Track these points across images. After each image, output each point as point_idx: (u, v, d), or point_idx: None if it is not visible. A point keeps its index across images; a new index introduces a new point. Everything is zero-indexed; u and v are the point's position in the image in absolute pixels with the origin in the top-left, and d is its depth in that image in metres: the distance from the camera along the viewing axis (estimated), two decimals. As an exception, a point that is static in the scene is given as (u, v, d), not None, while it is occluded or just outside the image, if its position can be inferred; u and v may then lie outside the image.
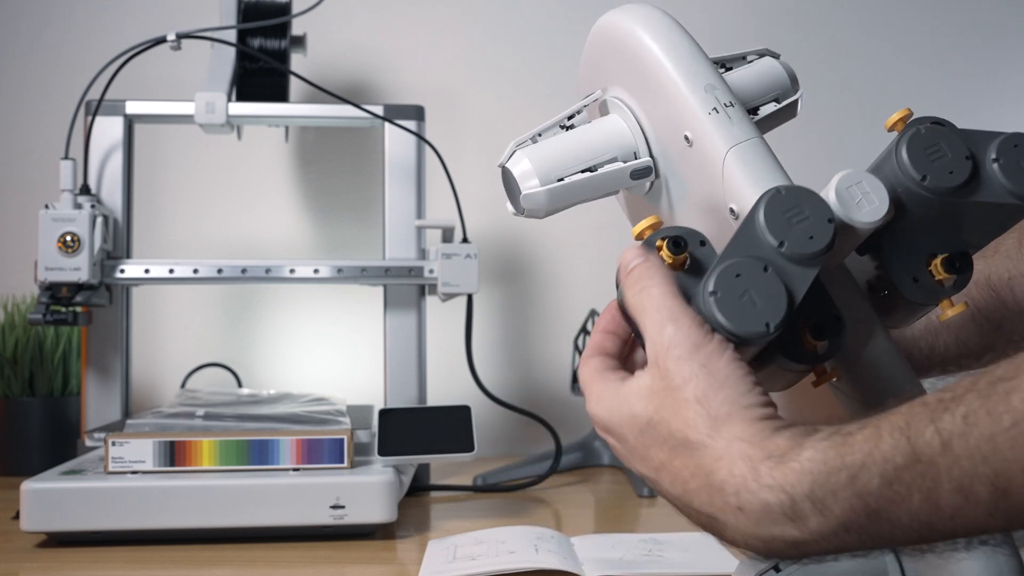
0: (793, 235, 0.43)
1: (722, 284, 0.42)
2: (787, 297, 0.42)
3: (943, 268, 0.47)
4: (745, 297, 0.42)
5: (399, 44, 1.35)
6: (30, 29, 1.32)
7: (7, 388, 1.13)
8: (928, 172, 0.46)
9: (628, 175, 0.53)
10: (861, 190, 0.45)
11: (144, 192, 1.17)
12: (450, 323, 1.17)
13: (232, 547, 0.81)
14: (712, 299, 0.42)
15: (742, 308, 0.42)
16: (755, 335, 0.42)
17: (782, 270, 0.42)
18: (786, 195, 0.43)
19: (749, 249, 0.43)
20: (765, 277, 0.42)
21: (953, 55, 1.43)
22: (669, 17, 0.52)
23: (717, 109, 0.49)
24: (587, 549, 0.78)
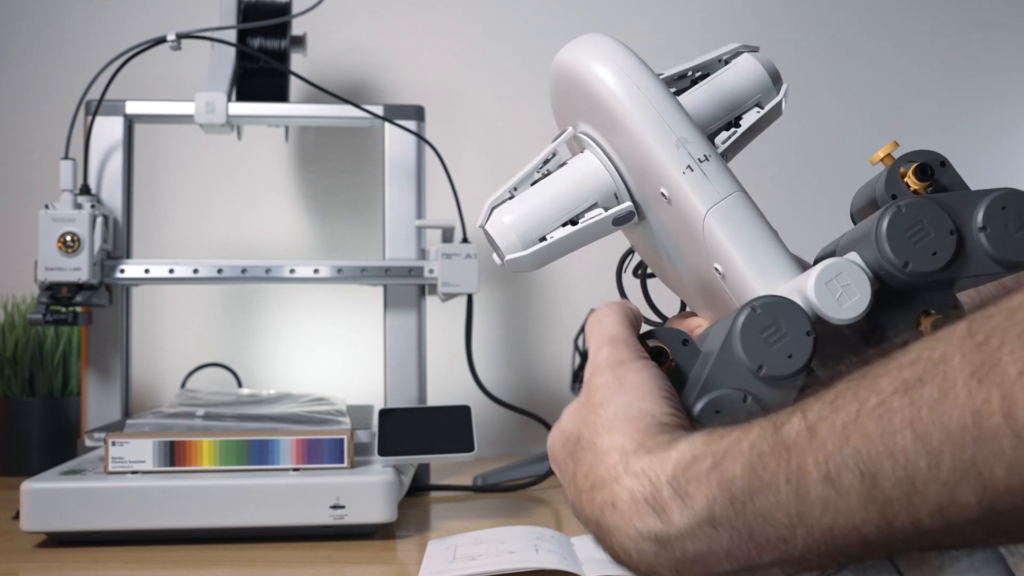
0: (771, 357, 0.42)
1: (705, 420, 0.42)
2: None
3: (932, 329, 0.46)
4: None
5: (399, 44, 1.35)
6: (30, 29, 1.32)
7: (7, 388, 1.13)
8: (910, 258, 0.43)
9: (610, 223, 0.52)
10: (842, 283, 0.43)
11: (144, 192, 1.17)
12: (450, 323, 1.17)
13: (232, 547, 0.81)
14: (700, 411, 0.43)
15: None
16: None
17: (761, 396, 0.42)
18: (762, 313, 0.43)
19: (728, 376, 0.43)
20: (745, 408, 0.42)
21: (953, 55, 1.43)
22: (633, 56, 0.49)
23: (691, 167, 0.47)
24: (587, 549, 0.78)
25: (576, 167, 0.52)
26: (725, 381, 0.43)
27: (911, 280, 0.43)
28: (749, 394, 0.42)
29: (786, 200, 1.30)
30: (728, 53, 0.55)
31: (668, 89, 0.49)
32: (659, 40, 1.33)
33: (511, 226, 0.51)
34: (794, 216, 1.33)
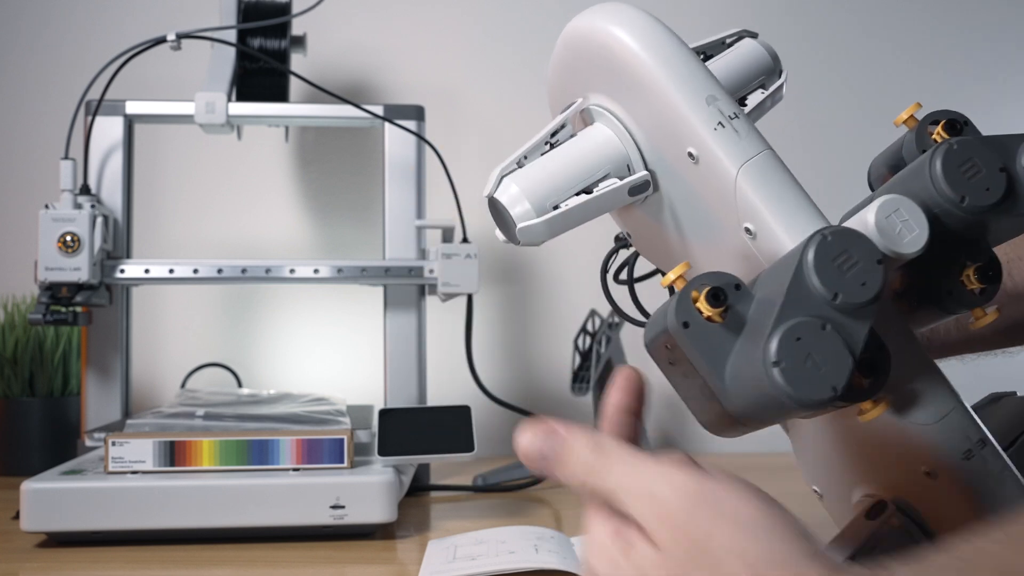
0: (846, 285, 0.40)
1: (785, 351, 0.39)
2: (849, 355, 0.40)
3: (976, 278, 0.46)
4: (808, 362, 0.39)
5: (399, 44, 1.35)
6: (30, 29, 1.32)
7: (7, 388, 1.13)
8: (966, 192, 0.44)
9: (626, 192, 0.50)
10: (900, 218, 0.43)
11: (144, 192, 1.17)
12: (450, 323, 1.17)
13: (232, 547, 0.81)
14: (776, 369, 0.39)
15: (807, 374, 0.39)
16: (822, 401, 0.40)
17: (840, 325, 0.40)
18: (832, 240, 0.41)
19: (802, 304, 0.40)
20: (825, 336, 0.40)
21: (953, 55, 1.43)
22: (654, 19, 0.49)
23: (723, 123, 0.46)
24: (587, 549, 0.78)
25: (588, 137, 0.51)
26: (801, 311, 0.40)
27: (967, 216, 0.43)
28: (828, 321, 0.40)
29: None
30: (731, 36, 0.55)
31: (694, 53, 0.48)
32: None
33: (523, 192, 0.49)
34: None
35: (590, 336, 1.14)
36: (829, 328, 0.40)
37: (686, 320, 0.42)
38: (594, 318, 1.15)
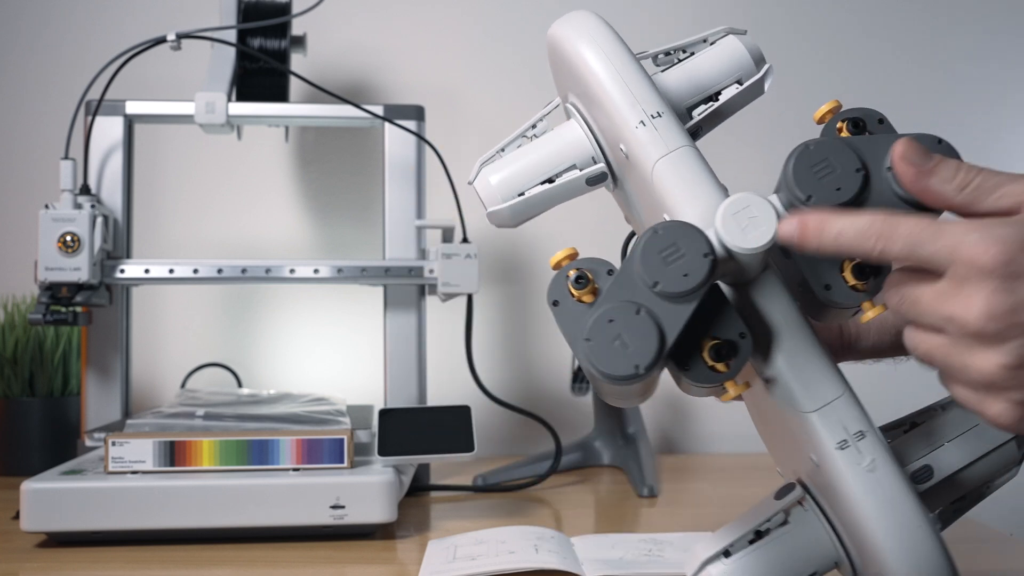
0: (667, 274, 0.44)
1: (595, 330, 0.45)
2: (658, 338, 0.44)
3: (853, 275, 0.47)
4: (617, 341, 0.44)
5: (399, 44, 1.35)
6: (30, 29, 1.32)
7: (7, 388, 1.13)
8: (813, 191, 0.46)
9: (584, 182, 0.55)
10: (749, 215, 0.45)
11: (144, 192, 1.17)
12: (450, 323, 1.17)
13: (232, 547, 0.81)
14: (586, 345, 0.45)
15: (613, 352, 0.44)
16: (625, 377, 0.44)
17: (656, 310, 0.45)
18: (663, 234, 0.45)
19: (626, 291, 0.45)
20: (637, 320, 0.44)
21: (953, 55, 1.43)
22: (604, 25, 0.54)
23: (644, 122, 0.50)
24: (587, 549, 0.78)
25: (560, 132, 0.56)
26: (624, 295, 0.45)
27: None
28: (643, 307, 0.44)
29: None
30: (715, 34, 0.58)
31: (633, 57, 0.52)
32: (655, 39, 1.33)
33: (494, 180, 0.55)
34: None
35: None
36: (643, 312, 0.44)
37: (556, 299, 0.47)
38: (594, 318, 1.15)
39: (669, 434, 1.36)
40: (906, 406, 0.57)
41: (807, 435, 0.48)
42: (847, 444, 0.47)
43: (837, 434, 0.47)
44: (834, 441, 0.47)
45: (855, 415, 0.48)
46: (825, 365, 0.49)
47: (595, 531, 0.87)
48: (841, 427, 0.47)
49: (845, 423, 0.47)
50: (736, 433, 1.34)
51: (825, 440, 0.48)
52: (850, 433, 0.47)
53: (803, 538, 0.51)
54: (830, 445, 0.47)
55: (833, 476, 0.48)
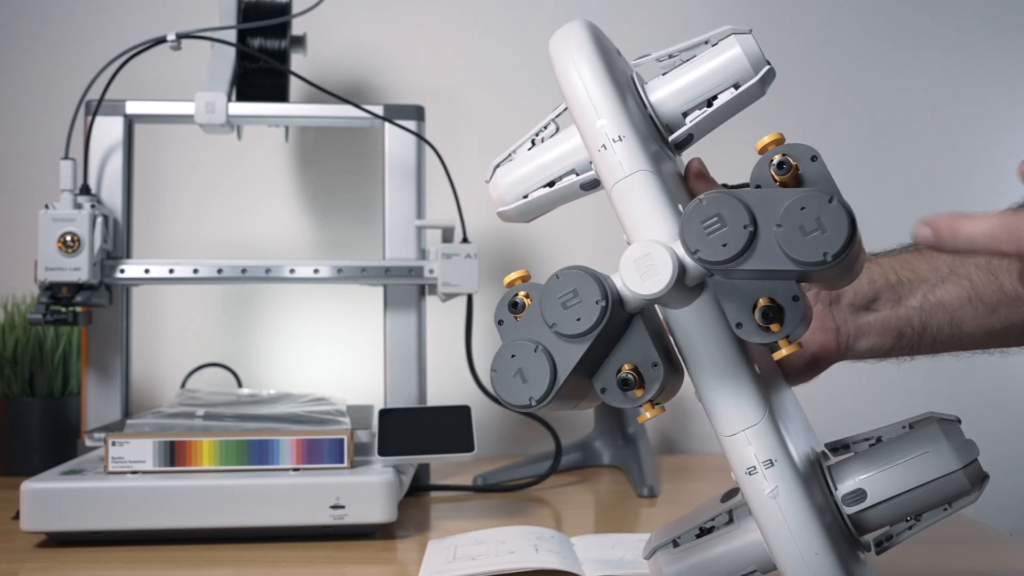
0: (563, 317, 0.48)
1: (499, 363, 0.49)
2: (551, 374, 0.48)
3: (759, 318, 0.48)
4: (516, 375, 0.49)
5: (399, 44, 1.35)
6: (30, 29, 1.32)
7: (7, 388, 1.13)
8: (700, 246, 0.47)
9: (579, 187, 0.57)
10: (648, 262, 0.48)
11: (144, 192, 1.17)
12: (450, 323, 1.17)
13: (232, 547, 0.81)
14: (492, 375, 0.49)
15: (512, 384, 0.49)
16: (521, 407, 0.48)
17: (551, 349, 0.48)
18: (562, 280, 0.49)
19: (531, 328, 0.49)
20: (534, 357, 0.48)
21: (952, 55, 1.43)
22: (589, 41, 0.56)
23: (605, 145, 0.52)
24: (587, 549, 0.78)
25: (561, 138, 0.58)
26: (528, 332, 0.50)
27: (705, 267, 0.48)
28: (540, 345, 0.49)
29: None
30: (717, 35, 0.58)
31: (609, 76, 0.54)
32: (658, 40, 1.33)
33: (503, 182, 0.59)
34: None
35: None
36: (539, 350, 0.48)
37: (500, 319, 0.51)
38: (594, 318, 1.15)
39: (669, 434, 1.36)
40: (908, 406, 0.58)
41: (727, 455, 0.52)
42: (755, 471, 0.50)
43: (747, 461, 0.50)
44: (744, 467, 0.50)
45: (767, 444, 0.50)
46: (748, 392, 0.51)
47: (595, 531, 0.87)
48: (752, 454, 0.50)
49: (756, 451, 0.50)
50: (736, 433, 1.34)
51: (736, 465, 0.51)
52: (759, 461, 0.50)
53: (744, 538, 0.54)
54: (740, 470, 0.51)
55: (746, 497, 0.51)
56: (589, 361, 0.49)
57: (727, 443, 0.51)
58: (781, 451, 0.50)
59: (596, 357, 0.50)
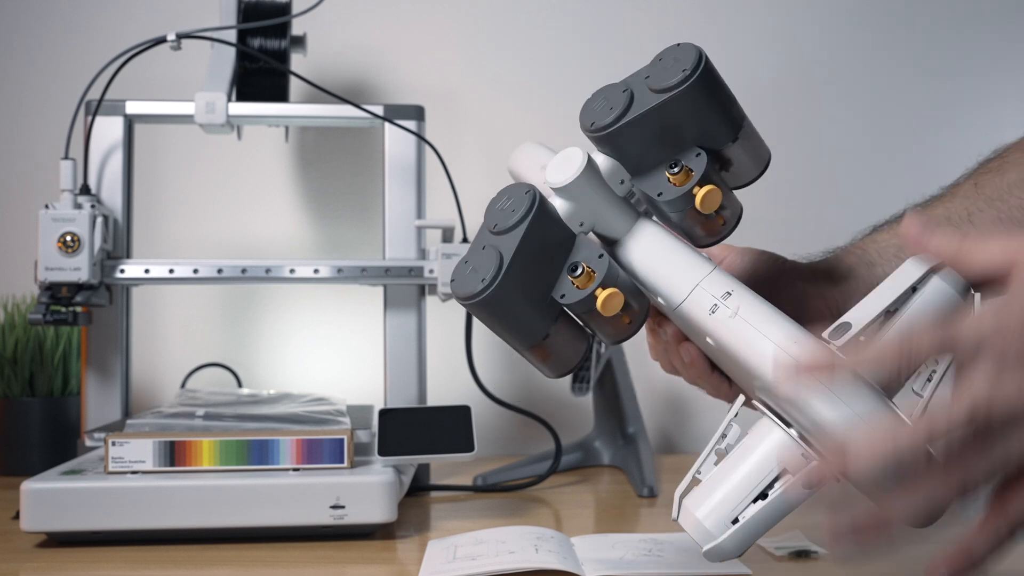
0: (501, 216, 0.56)
1: (456, 272, 0.56)
2: (497, 259, 0.54)
3: (671, 175, 0.56)
4: (470, 272, 0.55)
5: (399, 44, 1.35)
6: (30, 29, 1.32)
7: (7, 388, 1.13)
8: (594, 119, 0.57)
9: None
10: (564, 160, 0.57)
11: (144, 192, 1.17)
12: (450, 323, 1.17)
13: (232, 547, 0.81)
14: (451, 284, 0.56)
15: (467, 279, 0.55)
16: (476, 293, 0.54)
17: (496, 243, 0.55)
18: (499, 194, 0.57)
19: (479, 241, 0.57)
20: (483, 253, 0.55)
21: (952, 55, 1.43)
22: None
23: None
24: (587, 549, 0.78)
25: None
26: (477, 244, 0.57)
27: (604, 133, 0.57)
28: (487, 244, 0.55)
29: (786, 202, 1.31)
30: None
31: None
32: (658, 39, 1.33)
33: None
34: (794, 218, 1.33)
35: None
36: (487, 248, 0.55)
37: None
38: (594, 318, 1.15)
39: (669, 434, 1.36)
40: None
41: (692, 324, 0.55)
42: (716, 307, 0.54)
43: (706, 305, 0.54)
44: (706, 311, 0.54)
45: (719, 283, 0.54)
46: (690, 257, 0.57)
47: (595, 531, 0.87)
48: (709, 297, 0.54)
49: (712, 292, 0.54)
50: (736, 433, 1.34)
51: (701, 317, 0.54)
52: (717, 297, 0.54)
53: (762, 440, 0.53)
54: (705, 317, 0.54)
55: (721, 342, 0.53)
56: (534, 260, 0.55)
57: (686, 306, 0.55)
58: (737, 284, 0.54)
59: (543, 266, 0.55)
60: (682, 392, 1.35)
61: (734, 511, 0.52)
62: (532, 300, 0.56)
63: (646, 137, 0.56)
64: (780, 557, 0.77)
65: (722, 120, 0.57)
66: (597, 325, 0.58)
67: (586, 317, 0.57)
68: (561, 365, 0.59)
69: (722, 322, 0.53)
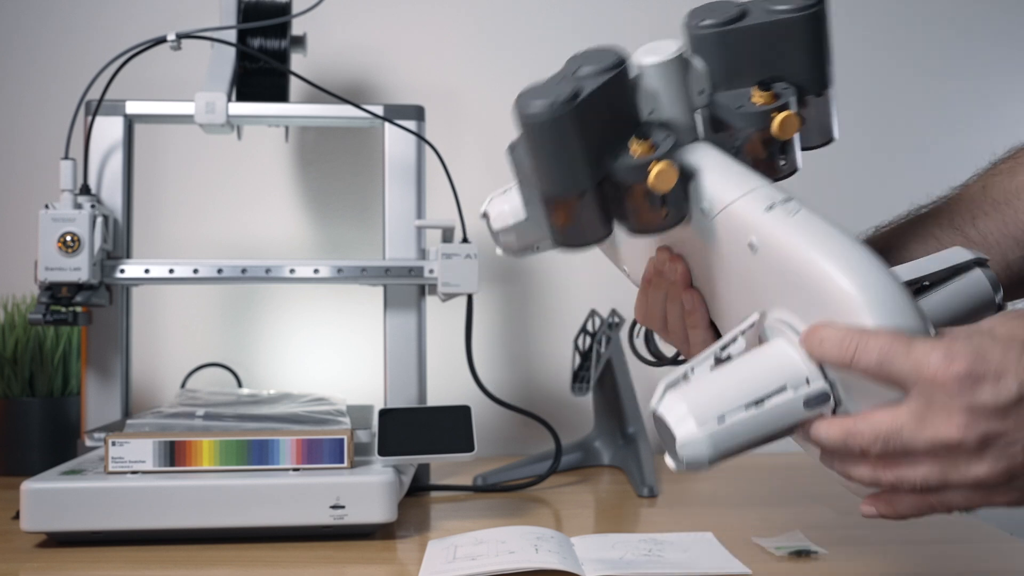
0: (586, 61, 0.57)
1: (523, 96, 0.58)
2: (575, 90, 0.55)
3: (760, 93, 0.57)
4: (539, 95, 0.56)
5: (399, 44, 1.35)
6: (30, 29, 1.32)
7: (7, 388, 1.13)
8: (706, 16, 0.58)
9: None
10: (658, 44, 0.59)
11: (144, 192, 1.17)
12: (450, 323, 1.17)
13: (232, 547, 0.81)
14: (517, 103, 0.58)
15: (536, 101, 0.56)
16: (543, 109, 0.55)
17: (576, 81, 0.56)
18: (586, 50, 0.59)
19: (555, 77, 0.59)
20: (560, 84, 0.57)
21: (952, 56, 1.43)
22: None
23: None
24: (587, 549, 0.78)
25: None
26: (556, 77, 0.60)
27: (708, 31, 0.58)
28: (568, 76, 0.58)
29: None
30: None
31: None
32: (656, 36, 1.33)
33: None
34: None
35: (590, 336, 1.14)
36: (564, 80, 0.57)
37: None
38: (594, 318, 1.15)
39: (669, 434, 1.36)
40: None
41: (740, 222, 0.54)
42: (773, 206, 0.53)
43: (763, 204, 0.53)
44: (762, 208, 0.53)
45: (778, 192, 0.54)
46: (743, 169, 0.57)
47: (595, 531, 0.87)
48: (767, 197, 0.54)
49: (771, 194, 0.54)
50: (736, 433, 1.34)
51: (754, 210, 0.53)
52: (777, 199, 0.54)
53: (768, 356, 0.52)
54: (759, 212, 0.53)
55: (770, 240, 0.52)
56: (607, 108, 0.55)
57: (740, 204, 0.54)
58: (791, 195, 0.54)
59: (610, 121, 0.55)
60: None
61: (723, 408, 0.49)
62: (588, 146, 0.56)
63: (750, 49, 0.57)
64: (780, 557, 0.77)
65: (821, 65, 0.58)
66: (632, 206, 0.58)
67: (625, 196, 0.57)
68: (574, 236, 0.59)
69: (780, 219, 0.52)
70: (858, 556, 0.78)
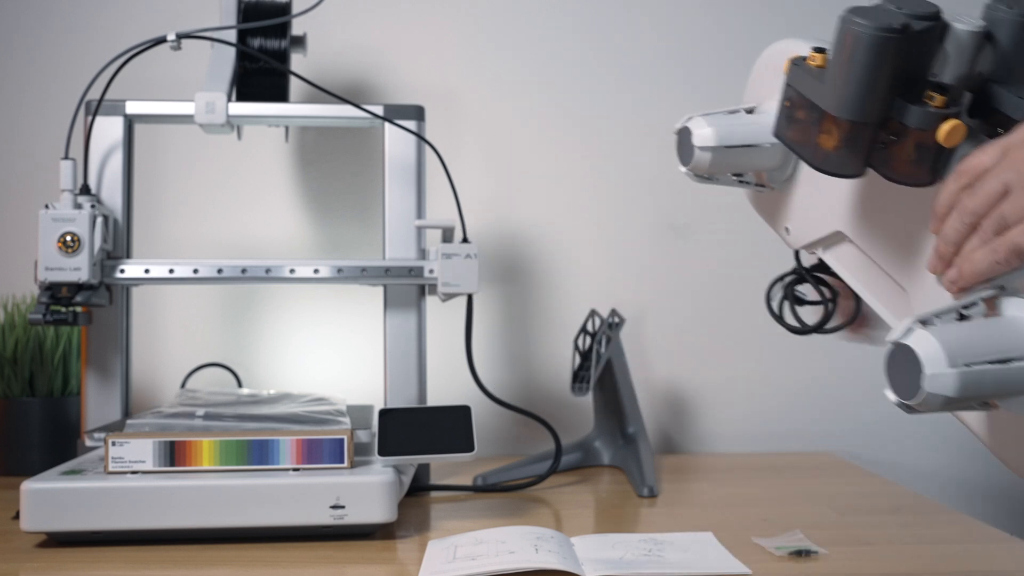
0: (910, 5, 0.57)
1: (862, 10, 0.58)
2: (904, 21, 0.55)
3: (934, 92, 0.56)
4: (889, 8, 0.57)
5: (399, 44, 1.35)
6: (30, 29, 1.32)
7: (7, 388, 1.13)
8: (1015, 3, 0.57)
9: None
10: (970, 16, 0.58)
11: (144, 192, 1.17)
12: (450, 323, 1.18)
13: (232, 547, 0.81)
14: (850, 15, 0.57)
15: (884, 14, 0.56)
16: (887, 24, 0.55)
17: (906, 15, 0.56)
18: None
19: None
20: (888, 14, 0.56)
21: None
22: None
23: None
24: (587, 549, 0.78)
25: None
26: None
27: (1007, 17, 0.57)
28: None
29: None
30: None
31: None
32: (658, 40, 1.33)
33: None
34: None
35: (590, 336, 1.14)
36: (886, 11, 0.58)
37: None
38: (594, 318, 1.15)
39: (669, 434, 1.36)
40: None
41: None
42: None
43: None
44: None
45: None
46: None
47: (595, 531, 0.87)
48: None
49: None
50: (736, 433, 1.34)
51: None
52: None
53: (1010, 324, 0.54)
54: None
55: None
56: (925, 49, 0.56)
57: None
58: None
59: (918, 63, 0.56)
60: (682, 392, 1.35)
61: (971, 357, 0.52)
62: (895, 79, 0.57)
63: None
64: (780, 557, 0.77)
65: None
66: (901, 154, 0.59)
67: (899, 142, 0.58)
68: (835, 163, 0.60)
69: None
70: (858, 556, 0.78)
